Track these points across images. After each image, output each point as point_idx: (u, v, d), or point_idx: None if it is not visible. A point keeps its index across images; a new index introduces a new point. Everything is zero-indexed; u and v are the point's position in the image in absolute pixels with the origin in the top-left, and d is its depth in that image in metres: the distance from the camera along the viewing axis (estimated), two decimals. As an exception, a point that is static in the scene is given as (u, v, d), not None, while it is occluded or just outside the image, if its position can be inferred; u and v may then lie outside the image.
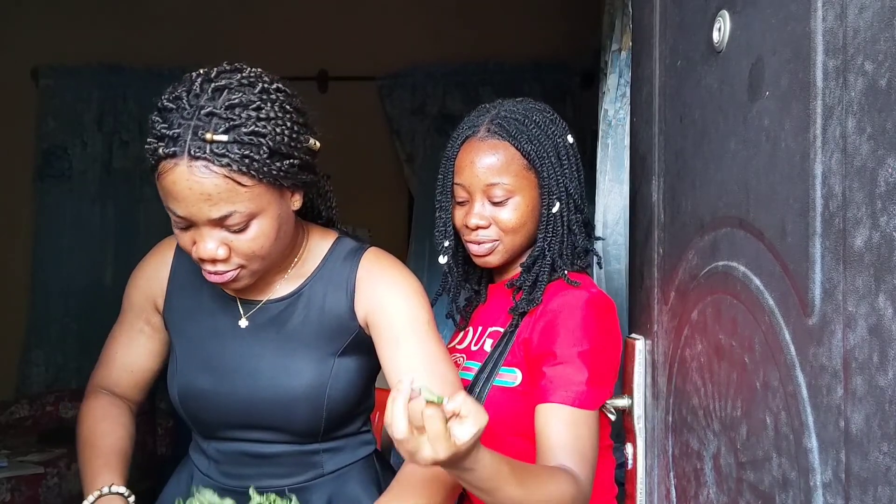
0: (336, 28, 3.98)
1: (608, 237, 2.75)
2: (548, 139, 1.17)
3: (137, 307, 1.21)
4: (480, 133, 1.18)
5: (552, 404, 1.05)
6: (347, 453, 1.17)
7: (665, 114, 0.91)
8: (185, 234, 1.02)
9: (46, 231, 4.05)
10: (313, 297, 1.13)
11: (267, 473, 1.14)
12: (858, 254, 0.54)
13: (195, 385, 1.14)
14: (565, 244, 1.17)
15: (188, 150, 0.95)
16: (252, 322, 1.13)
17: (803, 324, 0.61)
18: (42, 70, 4.05)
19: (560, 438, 1.03)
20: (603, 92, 2.72)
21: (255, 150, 0.96)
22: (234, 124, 0.95)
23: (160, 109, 0.99)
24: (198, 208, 0.97)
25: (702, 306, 0.80)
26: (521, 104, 1.21)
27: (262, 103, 0.98)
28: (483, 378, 1.16)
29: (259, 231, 1.01)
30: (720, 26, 0.75)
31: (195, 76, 1.00)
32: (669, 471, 0.89)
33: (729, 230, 0.74)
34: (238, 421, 1.12)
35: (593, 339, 1.09)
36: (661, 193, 0.93)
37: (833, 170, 0.57)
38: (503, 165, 1.16)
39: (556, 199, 1.16)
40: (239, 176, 0.96)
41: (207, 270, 1.03)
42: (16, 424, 3.56)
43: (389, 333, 1.10)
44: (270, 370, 1.11)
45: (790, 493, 0.62)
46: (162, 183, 0.98)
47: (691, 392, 0.82)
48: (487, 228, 1.17)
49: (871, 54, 0.53)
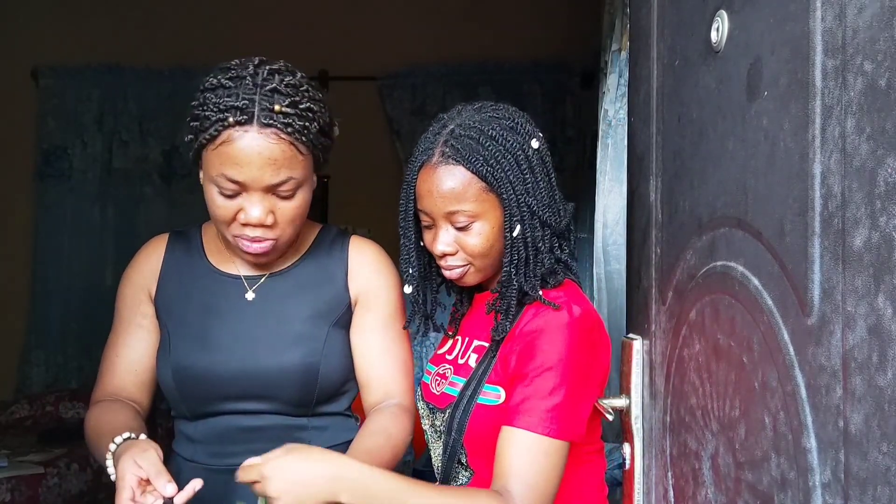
0: (336, 28, 3.98)
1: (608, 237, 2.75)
2: (507, 154, 1.09)
3: (132, 302, 1.24)
4: (435, 158, 1.11)
5: (515, 429, 1.03)
6: (332, 433, 1.23)
7: (663, 114, 0.91)
8: (230, 203, 1.09)
9: (46, 231, 4.06)
10: (309, 271, 1.25)
11: (253, 450, 1.12)
12: (858, 254, 0.54)
13: (191, 362, 1.18)
14: (530, 266, 1.11)
15: (258, 118, 1.05)
16: (257, 294, 1.22)
17: (802, 324, 0.61)
18: (42, 70, 4.06)
19: (513, 463, 1.01)
20: (603, 92, 2.73)
21: (310, 123, 1.09)
22: (294, 100, 1.08)
23: (214, 88, 1.07)
24: (261, 173, 1.06)
25: (700, 306, 0.80)
26: (478, 114, 1.13)
27: (308, 87, 1.12)
28: (467, 395, 1.14)
29: (302, 199, 1.13)
30: (718, 26, 0.75)
31: (241, 62, 1.10)
32: (667, 471, 0.89)
33: (727, 230, 0.74)
34: (233, 392, 1.17)
35: (571, 365, 1.05)
36: (658, 193, 0.93)
37: (832, 170, 0.57)
38: (461, 191, 1.09)
39: (517, 221, 1.10)
40: (300, 144, 1.09)
41: (248, 237, 1.11)
42: (16, 424, 3.56)
43: (378, 313, 1.24)
44: (270, 339, 1.19)
45: (789, 493, 0.62)
46: (226, 150, 1.06)
47: (689, 392, 0.82)
48: (455, 255, 1.13)
49: (871, 54, 0.52)
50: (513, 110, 1.15)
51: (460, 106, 1.17)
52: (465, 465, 1.17)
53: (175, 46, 3.90)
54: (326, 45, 3.97)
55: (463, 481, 1.17)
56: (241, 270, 1.24)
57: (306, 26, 3.97)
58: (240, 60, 1.10)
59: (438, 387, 1.23)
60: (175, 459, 1.24)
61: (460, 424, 1.13)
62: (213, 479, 1.12)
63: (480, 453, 1.14)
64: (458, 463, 1.17)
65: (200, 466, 1.18)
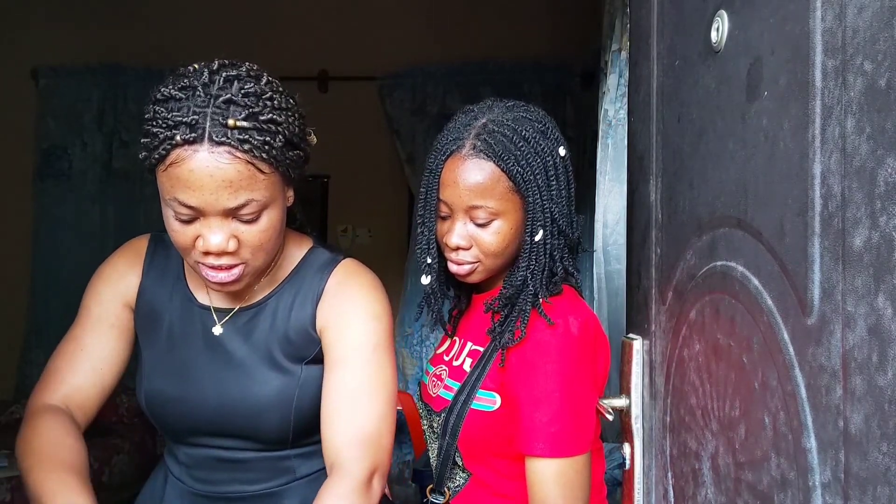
0: (336, 28, 3.98)
1: (608, 237, 2.75)
2: (537, 157, 1.09)
3: (108, 300, 1.13)
4: (465, 150, 1.10)
5: (539, 459, 1.05)
6: (320, 457, 1.10)
7: (663, 114, 0.91)
8: (187, 229, 0.98)
9: (46, 231, 4.06)
10: (281, 305, 1.11)
11: (239, 479, 1.11)
12: (858, 254, 0.53)
13: (162, 391, 1.10)
14: (546, 273, 1.11)
15: (209, 135, 0.92)
16: (225, 329, 1.11)
17: (802, 324, 0.61)
18: (42, 70, 4.06)
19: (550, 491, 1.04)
20: (603, 92, 2.73)
21: (273, 138, 0.95)
22: (253, 111, 0.94)
23: (164, 99, 0.95)
24: (216, 197, 0.94)
25: (700, 306, 0.80)
26: (511, 112, 1.13)
27: (273, 93, 0.98)
28: (461, 401, 1.14)
29: (269, 223, 1.00)
30: (718, 26, 0.75)
31: (198, 67, 0.98)
32: (667, 471, 0.89)
33: (727, 230, 0.74)
34: (207, 428, 1.10)
35: (575, 381, 1.06)
36: (658, 193, 0.93)
37: (832, 170, 0.57)
38: (488, 187, 1.08)
39: (540, 226, 1.10)
40: (260, 163, 0.95)
41: (211, 266, 0.99)
42: (16, 424, 3.53)
43: (334, 353, 1.08)
44: (239, 378, 1.08)
45: (789, 493, 0.62)
46: (175, 172, 0.93)
47: (689, 392, 0.82)
48: (468, 250, 1.12)
49: (871, 54, 0.52)
50: (543, 114, 1.15)
51: (490, 100, 1.17)
52: (462, 467, 1.17)
53: (175, 46, 3.88)
54: (326, 45, 3.97)
55: (460, 482, 1.18)
56: (212, 300, 1.12)
57: (306, 26, 3.97)
58: (196, 66, 0.98)
59: (434, 388, 1.23)
60: (164, 468, 1.19)
61: (454, 429, 1.14)
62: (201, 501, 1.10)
63: (476, 456, 1.14)
64: (454, 464, 1.17)
65: (187, 489, 1.13)
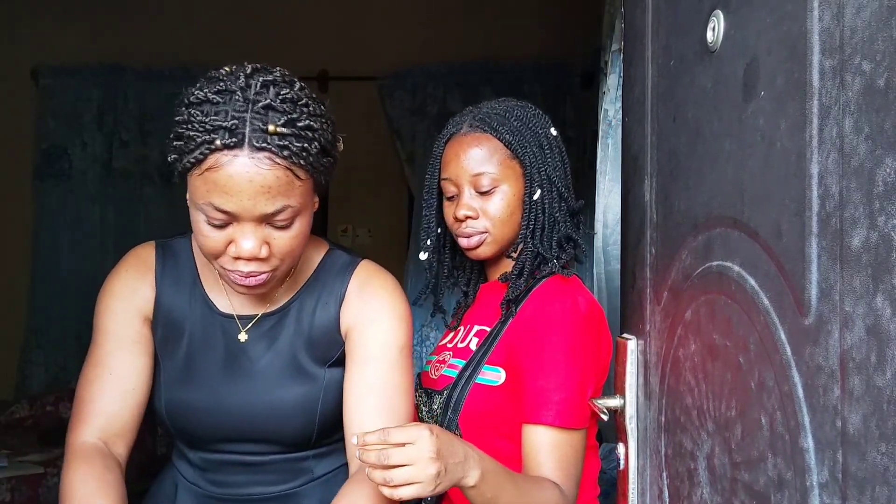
0: (336, 28, 3.98)
1: (608, 237, 2.75)
2: (529, 131, 1.22)
3: (124, 317, 1.11)
4: (464, 129, 1.23)
5: (538, 426, 1.09)
6: (336, 456, 1.16)
7: (657, 113, 0.91)
8: (219, 234, 0.97)
9: (46, 231, 4.06)
10: (304, 309, 1.12)
11: (256, 481, 1.12)
12: (856, 254, 0.53)
13: (184, 401, 1.10)
14: (546, 232, 1.20)
15: (249, 140, 0.91)
16: (250, 336, 1.12)
17: (799, 324, 0.60)
18: (42, 70, 4.05)
19: (546, 459, 1.08)
20: (603, 92, 2.72)
21: (310, 144, 0.95)
22: (291, 118, 0.93)
23: (199, 102, 0.93)
24: (253, 202, 0.93)
25: (695, 306, 0.80)
26: (503, 103, 1.26)
27: (308, 99, 0.97)
28: (466, 375, 1.18)
29: (300, 229, 1.00)
30: (714, 26, 0.75)
31: (231, 70, 0.96)
32: (662, 471, 0.89)
33: (723, 230, 0.74)
34: (231, 435, 1.10)
35: (579, 356, 1.11)
36: (653, 193, 0.92)
37: (830, 170, 0.56)
38: (487, 155, 1.20)
39: (538, 186, 1.20)
40: (297, 169, 0.95)
41: (241, 272, 0.99)
42: (16, 424, 3.55)
43: (361, 352, 1.09)
44: (265, 384, 1.09)
45: (786, 494, 0.62)
46: (212, 176, 0.92)
47: (685, 392, 0.82)
48: (476, 219, 1.21)
49: (869, 54, 0.52)
50: (532, 105, 1.28)
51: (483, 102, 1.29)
52: None
53: (175, 46, 3.90)
54: (326, 45, 3.97)
55: None
56: (234, 307, 1.13)
57: (306, 26, 3.96)
58: (230, 69, 0.96)
59: (437, 372, 1.26)
60: (173, 473, 1.19)
61: (457, 403, 1.17)
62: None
63: (475, 433, 1.15)
64: None
65: (202, 492, 1.14)
